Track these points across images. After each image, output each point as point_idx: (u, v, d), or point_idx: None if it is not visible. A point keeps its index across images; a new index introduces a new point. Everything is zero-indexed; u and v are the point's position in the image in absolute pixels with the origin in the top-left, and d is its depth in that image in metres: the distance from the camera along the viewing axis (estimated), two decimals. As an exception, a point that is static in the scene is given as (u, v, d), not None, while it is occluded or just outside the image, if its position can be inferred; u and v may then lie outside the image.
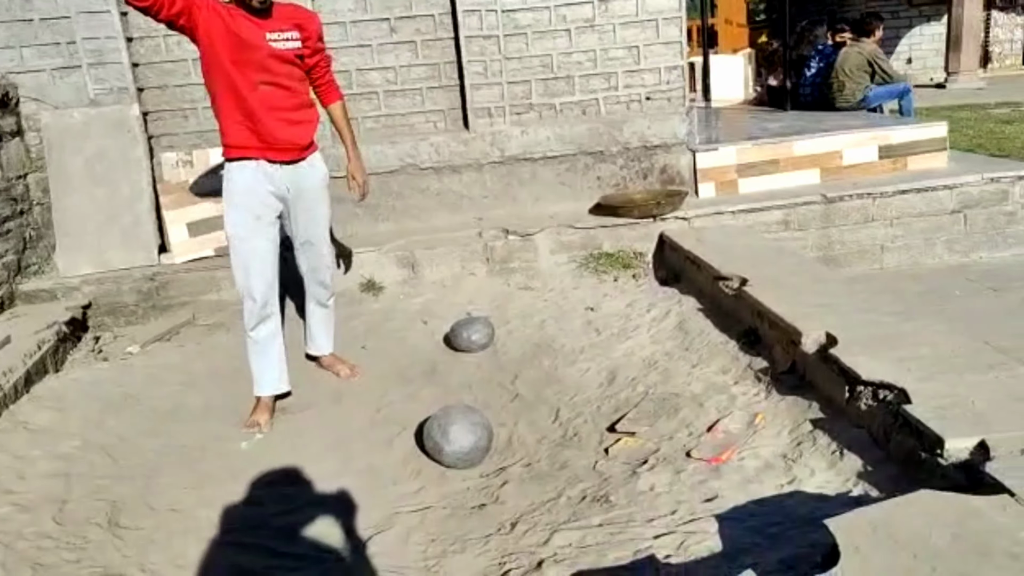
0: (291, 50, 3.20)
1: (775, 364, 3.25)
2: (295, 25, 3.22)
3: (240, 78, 3.11)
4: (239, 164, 3.22)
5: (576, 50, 5.21)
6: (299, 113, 3.29)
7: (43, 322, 4.24)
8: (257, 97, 3.14)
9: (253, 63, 3.11)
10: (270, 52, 3.14)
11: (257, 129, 3.17)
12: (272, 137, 3.20)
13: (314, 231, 3.50)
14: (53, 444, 3.24)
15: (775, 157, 5.46)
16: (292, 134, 3.26)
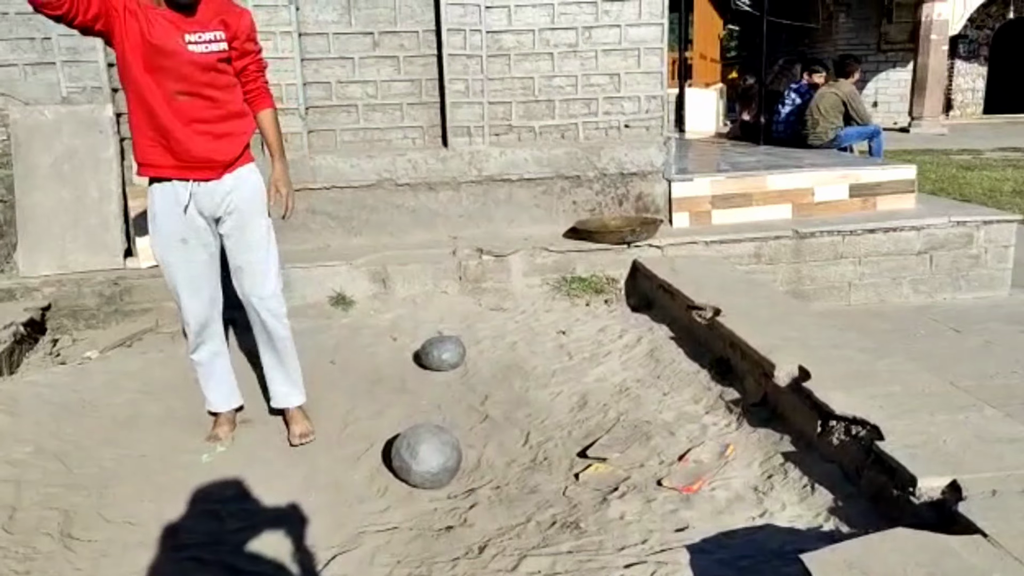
0: (214, 54, 2.80)
1: (747, 395, 3.25)
2: (221, 23, 2.81)
3: (152, 89, 2.74)
4: (156, 185, 2.91)
5: (558, 74, 5.24)
6: (224, 125, 2.91)
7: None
8: (172, 110, 2.77)
9: (168, 71, 2.74)
10: (189, 58, 2.75)
11: (171, 147, 2.82)
12: (188, 155, 2.83)
13: (246, 256, 3.06)
14: (5, 449, 3.11)
15: (749, 191, 5.52)
16: (212, 150, 2.88)
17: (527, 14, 5.11)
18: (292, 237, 5.00)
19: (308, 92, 5.06)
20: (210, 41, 2.78)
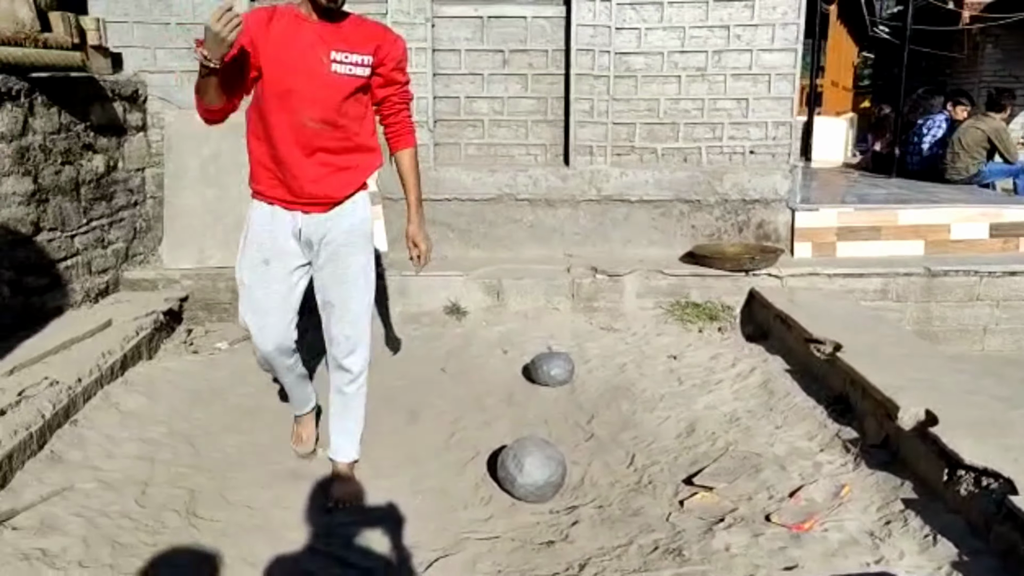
0: (357, 79, 2.54)
1: (866, 436, 3.12)
2: (373, 48, 2.54)
3: (278, 113, 2.49)
4: (258, 204, 2.67)
5: (685, 97, 5.20)
6: (349, 158, 2.63)
7: (142, 310, 4.40)
8: (296, 139, 2.52)
9: (302, 93, 2.48)
10: (329, 79, 2.50)
11: (287, 182, 2.58)
12: (304, 192, 2.59)
13: (337, 291, 2.72)
14: (141, 428, 3.35)
15: (878, 224, 5.31)
16: (330, 186, 2.62)
17: (657, 37, 5.10)
18: (413, 246, 5.16)
19: (437, 106, 5.22)
20: (355, 64, 2.53)
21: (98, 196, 4.54)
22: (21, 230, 3.88)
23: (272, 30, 2.47)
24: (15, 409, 3.01)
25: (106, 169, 4.62)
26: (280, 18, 2.49)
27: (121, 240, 4.80)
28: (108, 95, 4.64)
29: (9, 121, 3.77)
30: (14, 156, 3.81)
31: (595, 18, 5.03)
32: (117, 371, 3.76)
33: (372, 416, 3.53)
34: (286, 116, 2.50)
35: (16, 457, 2.81)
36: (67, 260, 4.24)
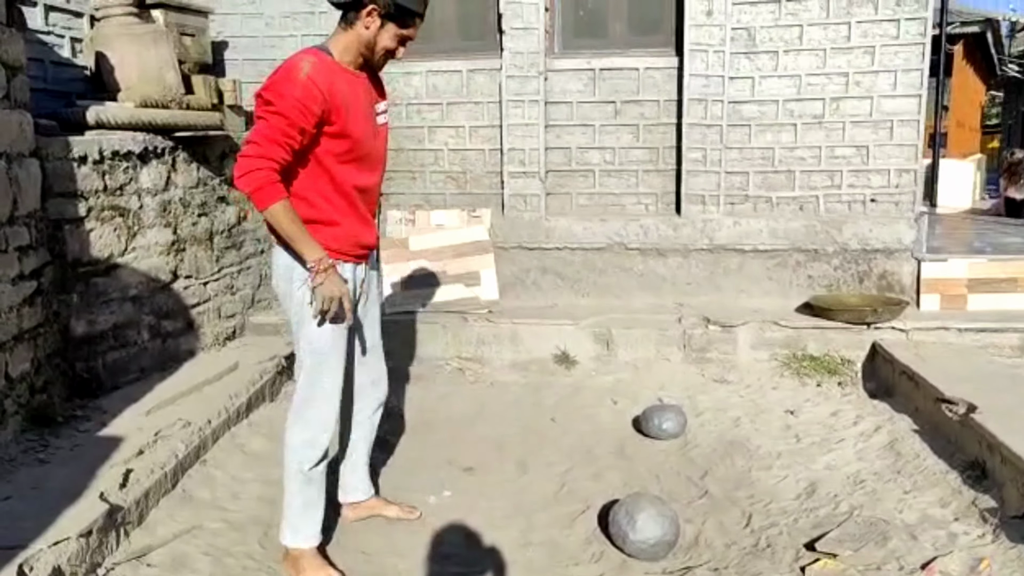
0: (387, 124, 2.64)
1: (1005, 505, 2.91)
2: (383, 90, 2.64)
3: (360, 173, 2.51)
4: None
5: (800, 145, 5.10)
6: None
7: (266, 353, 4.61)
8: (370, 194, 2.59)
9: (376, 153, 2.56)
10: (381, 132, 2.59)
11: (357, 235, 2.56)
12: (370, 243, 2.64)
13: (374, 332, 2.85)
14: (265, 469, 3.48)
15: (1015, 275, 5.00)
16: (375, 234, 2.71)
17: (772, 85, 5.04)
18: (523, 294, 5.22)
19: (548, 157, 5.31)
20: (384, 112, 2.61)
21: (229, 245, 4.82)
22: (161, 278, 4.16)
23: (338, 98, 2.37)
24: (152, 448, 3.20)
25: (237, 220, 4.91)
26: (336, 78, 2.39)
27: (248, 286, 5.06)
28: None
29: (155, 177, 4.08)
30: (157, 209, 4.10)
31: (708, 68, 5.02)
32: (243, 413, 3.94)
33: (482, 465, 3.58)
34: (364, 175, 2.54)
35: (152, 495, 2.98)
36: (200, 306, 4.51)
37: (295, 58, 2.37)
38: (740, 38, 5.01)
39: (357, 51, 2.45)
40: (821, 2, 4.92)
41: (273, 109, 2.29)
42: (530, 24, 5.16)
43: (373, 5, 2.36)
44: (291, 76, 2.30)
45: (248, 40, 5.36)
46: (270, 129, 2.29)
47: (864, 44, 4.92)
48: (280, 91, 2.30)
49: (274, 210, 2.32)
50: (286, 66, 2.35)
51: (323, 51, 2.42)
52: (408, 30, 2.45)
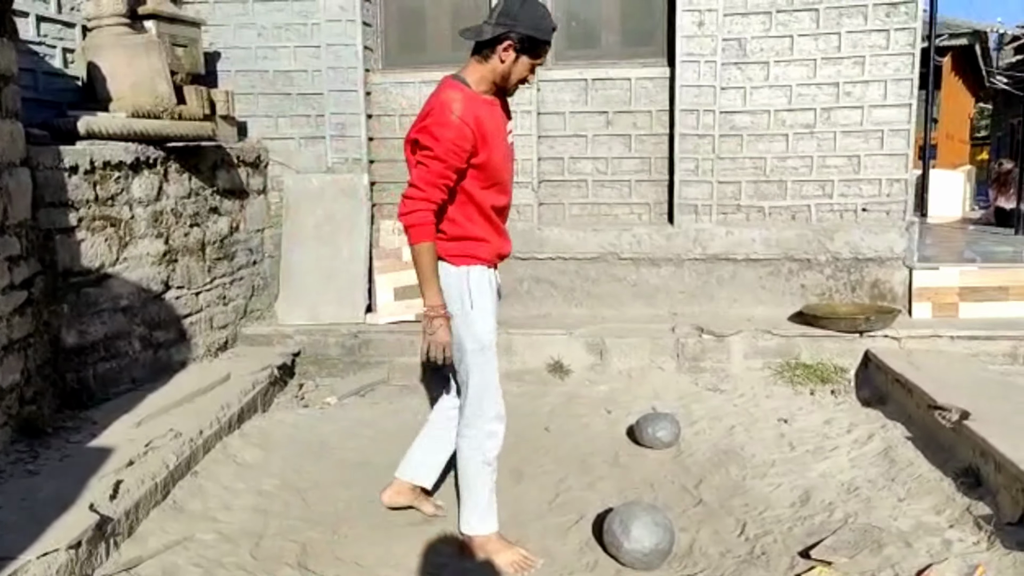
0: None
1: (1000, 512, 2.91)
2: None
3: (500, 195, 2.71)
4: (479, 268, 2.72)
5: (792, 155, 5.12)
6: None
7: (258, 364, 4.60)
8: (506, 208, 2.80)
9: (510, 175, 2.76)
10: (512, 152, 2.79)
11: (498, 247, 2.78)
12: (503, 254, 2.84)
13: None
14: (256, 480, 3.46)
15: (1005, 283, 5.02)
16: (510, 244, 2.89)
17: (763, 95, 5.07)
18: (516, 304, 5.22)
19: (541, 167, 5.32)
20: (511, 132, 2.77)
21: (221, 256, 4.80)
22: (153, 288, 4.14)
23: (483, 128, 2.53)
24: (142, 459, 3.17)
25: (229, 230, 4.90)
26: (480, 110, 2.55)
27: (240, 297, 5.04)
28: (233, 161, 4.94)
29: (146, 187, 4.06)
30: (149, 219, 4.09)
31: (699, 79, 5.04)
32: (235, 423, 3.92)
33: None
34: (501, 197, 2.73)
35: (142, 506, 2.95)
36: (192, 316, 4.49)
37: (444, 98, 2.52)
38: (731, 48, 5.04)
39: (492, 81, 2.62)
40: (811, 13, 4.95)
41: (431, 154, 2.48)
42: (522, 35, 5.16)
43: (509, 41, 2.52)
44: (444, 120, 2.47)
45: (241, 51, 5.36)
46: (430, 174, 2.48)
47: (854, 54, 4.95)
48: (435, 135, 2.47)
49: (421, 248, 2.55)
50: (438, 107, 2.50)
51: (462, 83, 2.59)
52: (539, 59, 2.62)
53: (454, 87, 2.57)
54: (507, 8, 2.53)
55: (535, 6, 2.57)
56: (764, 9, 4.98)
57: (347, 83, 5.28)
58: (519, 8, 2.51)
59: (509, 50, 2.54)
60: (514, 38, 2.51)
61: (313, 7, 5.26)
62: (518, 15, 2.51)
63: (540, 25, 2.53)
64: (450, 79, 2.62)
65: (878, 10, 4.89)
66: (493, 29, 2.52)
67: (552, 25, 2.58)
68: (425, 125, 2.51)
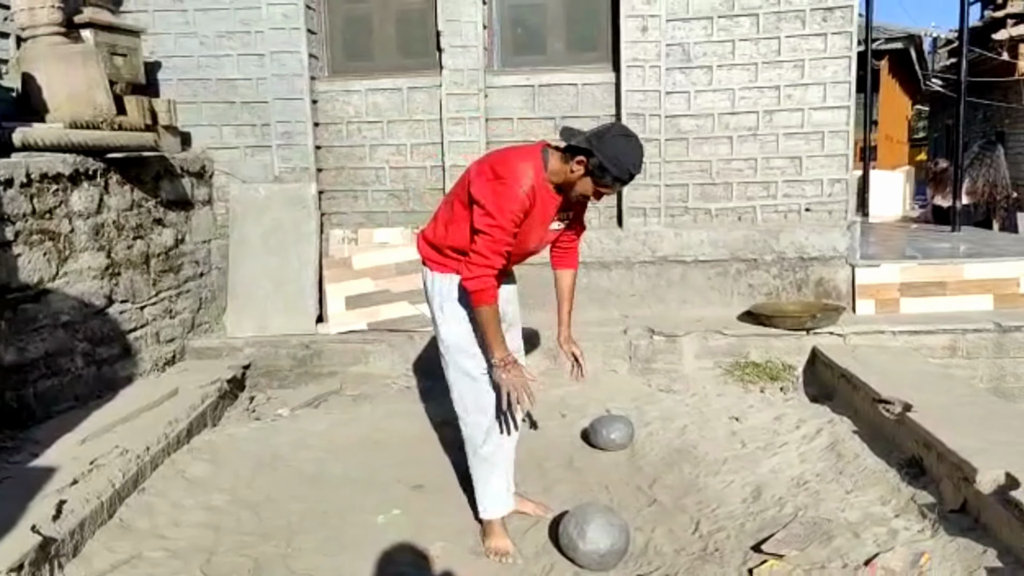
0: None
1: (943, 500, 2.99)
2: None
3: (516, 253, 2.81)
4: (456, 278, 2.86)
5: (737, 157, 5.21)
6: None
7: (207, 378, 4.52)
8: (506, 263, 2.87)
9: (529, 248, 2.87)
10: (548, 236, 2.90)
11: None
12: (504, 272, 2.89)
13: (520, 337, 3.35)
14: (206, 496, 3.39)
15: (943, 279, 5.18)
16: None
17: (707, 99, 5.15)
18: (469, 310, 5.20)
19: (491, 173, 5.32)
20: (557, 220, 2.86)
21: (167, 268, 4.71)
22: (95, 303, 4.04)
23: (535, 210, 2.68)
24: (87, 478, 3.09)
25: (174, 242, 4.80)
26: (541, 195, 2.67)
27: (187, 310, 4.95)
28: (177, 172, 4.85)
29: (86, 199, 3.97)
30: (90, 232, 3.99)
31: (644, 83, 5.11)
32: (183, 439, 3.84)
33: (432, 482, 3.55)
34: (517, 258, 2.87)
35: (88, 526, 2.87)
36: (137, 331, 4.39)
37: (519, 169, 2.62)
38: (675, 54, 5.11)
39: (560, 180, 2.69)
40: (751, 18, 5.05)
41: (494, 223, 2.59)
42: (469, 42, 5.18)
43: (583, 158, 2.58)
44: (513, 193, 2.59)
45: (183, 60, 5.27)
46: (495, 244, 2.61)
47: (794, 58, 5.07)
48: (501, 206, 2.59)
49: (486, 311, 2.68)
50: (511, 177, 2.60)
51: (543, 161, 2.67)
52: (606, 189, 2.67)
53: (534, 162, 2.66)
54: (601, 132, 2.62)
55: (625, 146, 2.60)
56: (706, 15, 5.06)
57: (293, 91, 5.23)
58: (610, 138, 2.58)
59: (580, 166, 2.61)
60: (589, 160, 2.58)
61: (256, 15, 5.20)
62: (604, 144, 2.57)
63: (618, 163, 2.58)
64: (539, 152, 2.70)
65: (815, 15, 5.01)
66: (579, 141, 2.60)
67: (631, 170, 2.63)
68: (494, 189, 2.60)
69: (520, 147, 2.81)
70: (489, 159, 2.74)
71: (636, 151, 2.63)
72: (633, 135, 2.65)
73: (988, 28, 14.12)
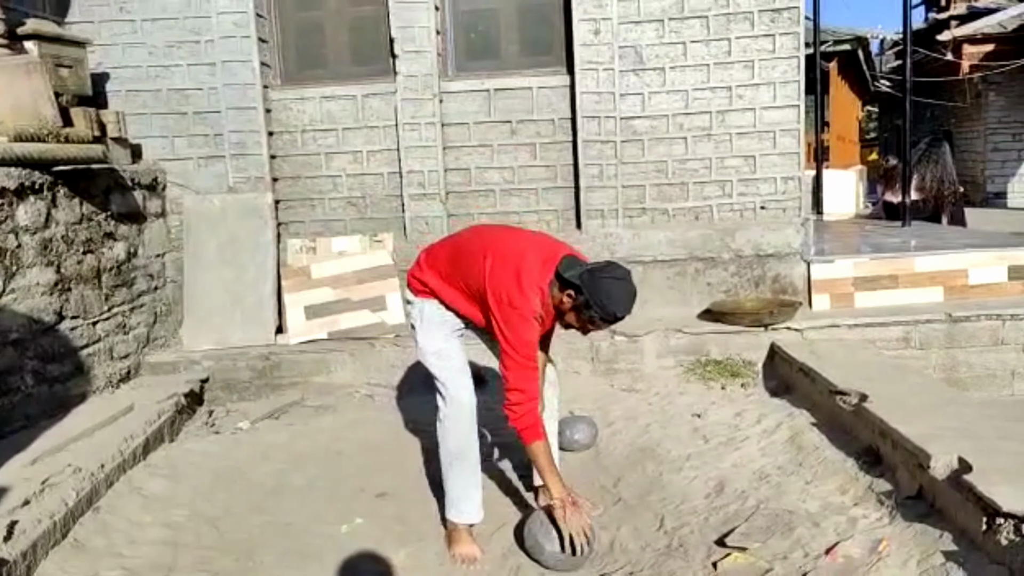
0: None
1: (900, 487, 3.04)
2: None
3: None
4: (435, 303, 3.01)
5: (692, 157, 5.27)
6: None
7: (163, 393, 4.43)
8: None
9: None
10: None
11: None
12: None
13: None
14: (164, 512, 3.33)
15: (894, 272, 5.29)
16: None
17: (661, 100, 5.20)
18: (430, 316, 5.18)
19: (448, 178, 5.32)
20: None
21: (119, 283, 4.62)
22: (45, 319, 3.94)
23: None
24: (39, 498, 3.01)
25: (127, 256, 4.71)
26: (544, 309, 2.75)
27: (142, 325, 4.85)
28: (128, 184, 4.76)
29: (33, 214, 3.87)
30: (37, 248, 3.90)
31: (599, 86, 5.15)
32: (139, 455, 3.76)
33: (396, 489, 3.53)
34: None
35: (40, 546, 2.79)
36: (89, 347, 4.29)
37: (531, 301, 2.68)
38: (628, 56, 5.16)
39: (554, 305, 2.74)
40: (701, 20, 5.12)
41: (515, 353, 2.69)
42: (422, 47, 5.18)
43: (573, 292, 2.65)
44: (526, 321, 2.68)
45: (131, 70, 5.18)
46: (523, 370, 2.71)
47: (744, 59, 5.14)
48: (521, 337, 2.68)
49: (537, 446, 2.77)
50: (524, 306, 2.66)
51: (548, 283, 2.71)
52: (592, 326, 2.74)
53: (541, 290, 2.71)
54: (595, 269, 2.66)
55: (614, 289, 2.63)
56: (657, 17, 5.12)
57: (245, 100, 5.17)
58: (601, 279, 2.62)
59: (570, 299, 2.67)
60: (578, 295, 2.63)
61: (206, 24, 5.14)
62: (595, 283, 2.61)
63: (604, 306, 2.62)
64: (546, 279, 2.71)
65: (763, 16, 5.09)
66: (572, 276, 2.65)
67: (617, 314, 2.66)
68: (511, 322, 2.67)
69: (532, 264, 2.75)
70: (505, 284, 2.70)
71: (626, 295, 2.66)
72: (625, 278, 2.68)
73: (932, 29, 14.48)
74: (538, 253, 2.78)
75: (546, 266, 2.73)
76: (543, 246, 2.84)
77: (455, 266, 2.91)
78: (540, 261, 2.74)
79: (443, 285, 2.94)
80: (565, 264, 2.71)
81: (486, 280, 2.73)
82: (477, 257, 2.80)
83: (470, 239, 2.97)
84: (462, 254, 2.92)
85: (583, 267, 2.69)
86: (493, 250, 2.79)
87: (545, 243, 2.88)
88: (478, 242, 2.89)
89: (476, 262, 2.79)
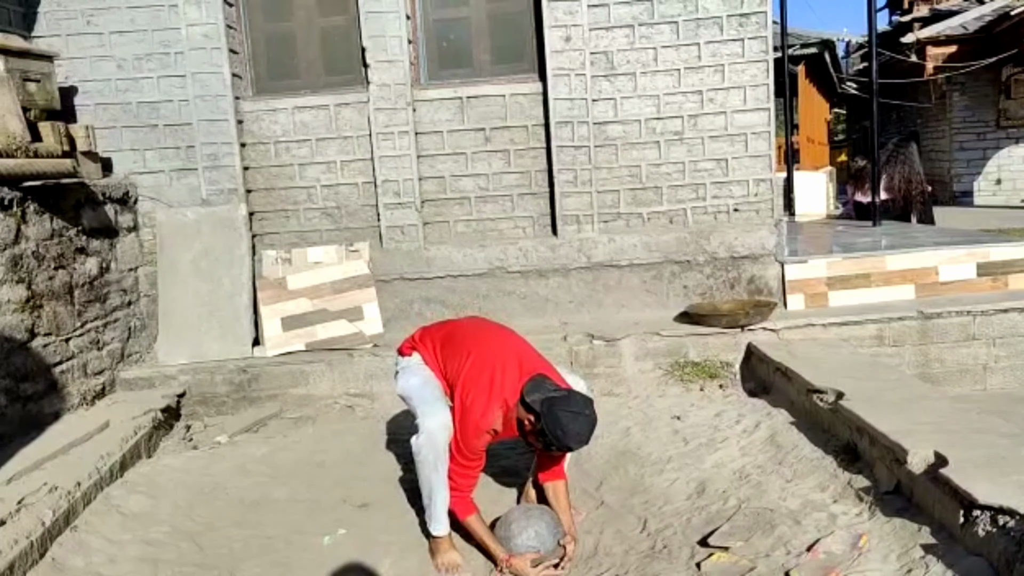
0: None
1: (878, 483, 3.08)
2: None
3: None
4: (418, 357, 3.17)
5: (665, 161, 5.31)
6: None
7: (140, 409, 4.39)
8: None
9: None
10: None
11: None
12: None
13: None
14: (144, 529, 3.28)
15: (867, 271, 5.36)
16: None
17: (633, 105, 5.24)
18: (408, 326, 5.16)
19: (423, 186, 5.32)
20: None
21: (92, 298, 4.56)
22: (16, 337, 3.88)
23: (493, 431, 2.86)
24: (15, 518, 2.96)
25: (99, 271, 4.66)
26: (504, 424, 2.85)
27: (116, 340, 4.80)
28: (99, 199, 4.71)
29: (2, 230, 3.82)
30: (7, 264, 3.84)
31: (571, 92, 5.17)
32: (116, 473, 3.71)
33: (378, 500, 3.51)
34: None
35: (17, 567, 2.75)
36: (63, 364, 4.23)
37: (489, 411, 2.80)
38: (599, 62, 5.19)
39: (517, 418, 2.81)
40: (671, 25, 5.16)
41: (460, 455, 2.84)
42: (395, 56, 5.17)
43: (532, 417, 2.72)
44: (479, 432, 2.80)
45: (100, 84, 5.13)
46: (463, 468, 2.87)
47: (714, 63, 5.20)
48: (469, 441, 2.81)
49: (468, 521, 2.92)
50: (478, 420, 2.78)
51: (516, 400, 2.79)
52: (547, 450, 2.85)
53: (506, 403, 2.80)
54: (555, 400, 2.70)
55: (570, 423, 2.67)
56: (627, 23, 5.16)
57: (217, 112, 5.14)
58: (559, 412, 2.67)
59: (526, 422, 2.76)
60: (535, 421, 2.70)
61: (175, 36, 5.10)
62: (554, 417, 2.66)
63: (558, 438, 2.68)
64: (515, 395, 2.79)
65: (731, 20, 5.15)
66: (533, 401, 2.71)
67: (571, 446, 2.74)
68: (465, 422, 2.80)
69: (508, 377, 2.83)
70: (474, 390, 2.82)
71: (583, 428, 2.70)
72: (584, 411, 2.72)
73: (897, 32, 14.74)
74: (517, 367, 2.86)
75: (521, 380, 2.81)
76: (525, 359, 2.93)
77: (443, 350, 3.06)
78: (517, 376, 2.83)
79: (430, 359, 3.09)
80: (530, 387, 2.76)
81: (460, 378, 2.87)
82: (461, 352, 2.94)
83: (464, 332, 3.10)
84: (452, 342, 3.05)
85: (546, 393, 2.73)
86: (477, 351, 2.91)
87: (528, 356, 2.97)
88: (470, 338, 3.02)
89: (459, 356, 2.94)
